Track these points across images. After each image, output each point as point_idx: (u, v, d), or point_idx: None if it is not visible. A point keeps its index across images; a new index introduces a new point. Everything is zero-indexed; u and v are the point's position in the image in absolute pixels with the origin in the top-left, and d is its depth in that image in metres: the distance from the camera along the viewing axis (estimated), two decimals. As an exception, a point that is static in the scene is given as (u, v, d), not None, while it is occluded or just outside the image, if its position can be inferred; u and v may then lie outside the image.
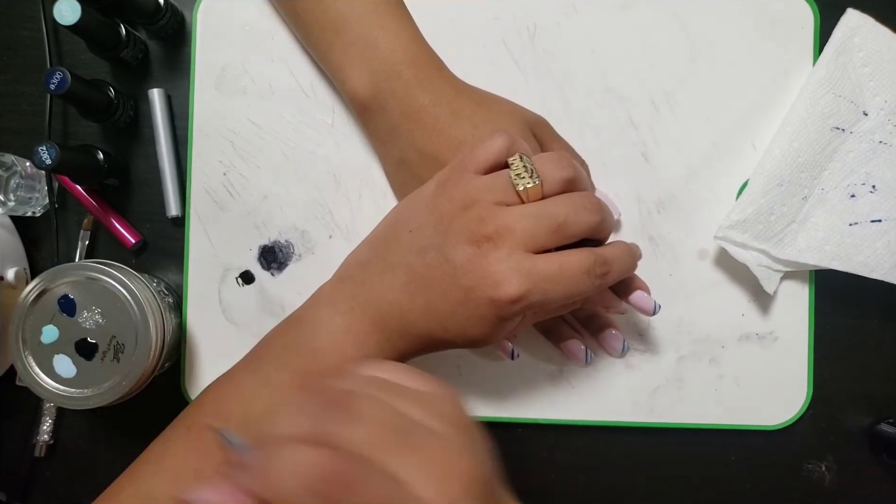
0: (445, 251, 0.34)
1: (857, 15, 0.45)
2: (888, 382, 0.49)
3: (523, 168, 0.34)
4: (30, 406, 0.48)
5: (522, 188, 0.34)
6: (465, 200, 0.34)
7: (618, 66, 0.47)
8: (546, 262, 0.33)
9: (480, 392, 0.47)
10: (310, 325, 0.38)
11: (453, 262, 0.34)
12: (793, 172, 0.45)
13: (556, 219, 0.33)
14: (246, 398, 0.37)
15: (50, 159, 0.41)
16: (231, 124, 0.47)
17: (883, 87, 0.45)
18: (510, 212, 0.34)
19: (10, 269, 0.45)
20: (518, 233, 0.33)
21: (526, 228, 0.33)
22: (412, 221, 0.36)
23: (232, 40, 0.47)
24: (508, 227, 0.33)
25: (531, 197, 0.34)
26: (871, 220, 0.46)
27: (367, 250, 0.38)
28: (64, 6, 0.40)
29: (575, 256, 0.34)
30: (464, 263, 0.33)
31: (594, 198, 0.35)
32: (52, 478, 0.49)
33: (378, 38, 0.40)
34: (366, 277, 0.37)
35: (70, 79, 0.41)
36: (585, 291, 0.35)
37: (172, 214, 0.48)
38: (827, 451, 0.48)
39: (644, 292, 0.41)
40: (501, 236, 0.33)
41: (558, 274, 0.33)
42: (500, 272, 0.33)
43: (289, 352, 0.37)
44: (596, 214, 0.35)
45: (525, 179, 0.34)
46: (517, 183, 0.34)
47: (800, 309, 0.47)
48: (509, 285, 0.33)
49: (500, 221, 0.33)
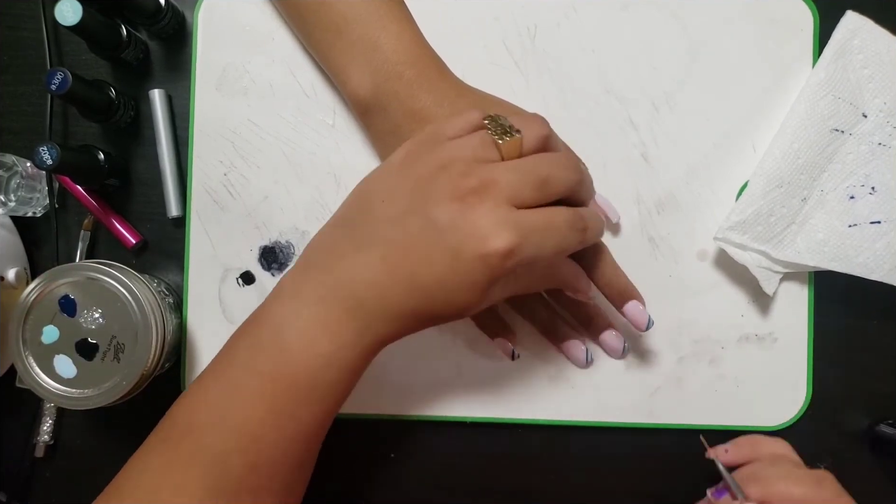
0: (427, 213, 0.32)
1: (856, 17, 0.46)
2: (888, 383, 0.49)
3: (500, 125, 0.34)
4: (30, 406, 0.48)
5: (502, 141, 0.33)
6: (441, 161, 0.33)
7: (618, 66, 0.47)
8: (535, 214, 0.33)
9: (480, 392, 0.47)
10: (275, 323, 0.35)
11: (437, 223, 0.32)
12: (792, 174, 0.45)
13: (540, 174, 0.33)
14: (219, 409, 0.34)
15: (51, 159, 0.41)
16: (232, 125, 0.47)
17: (882, 88, 0.45)
18: (494, 166, 0.33)
19: (11, 270, 0.45)
20: (503, 186, 0.32)
21: (511, 182, 0.32)
22: (381, 192, 0.35)
23: (233, 41, 0.47)
24: (493, 180, 0.32)
25: (511, 151, 0.33)
26: (871, 221, 0.46)
27: (331, 233, 0.36)
28: (65, 6, 0.40)
29: (559, 210, 0.34)
30: (448, 222, 0.32)
31: (574, 156, 0.35)
32: (52, 478, 0.49)
33: (380, 38, 0.40)
34: (333, 262, 0.34)
35: (71, 79, 0.41)
36: (571, 246, 0.35)
37: (173, 215, 0.48)
38: (826, 452, 0.48)
39: (639, 304, 0.41)
40: (486, 188, 0.32)
41: (546, 226, 0.33)
42: (488, 226, 0.31)
43: (255, 353, 0.34)
44: (577, 173, 0.35)
45: (505, 134, 0.33)
46: (496, 136, 0.33)
47: (799, 310, 0.47)
48: (499, 238, 0.31)
49: (484, 175, 0.32)
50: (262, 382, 0.34)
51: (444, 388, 0.47)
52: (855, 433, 0.49)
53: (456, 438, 0.48)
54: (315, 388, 0.34)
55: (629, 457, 0.48)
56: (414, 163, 0.34)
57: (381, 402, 0.47)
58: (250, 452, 0.34)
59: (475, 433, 0.48)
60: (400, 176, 0.34)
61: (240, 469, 0.33)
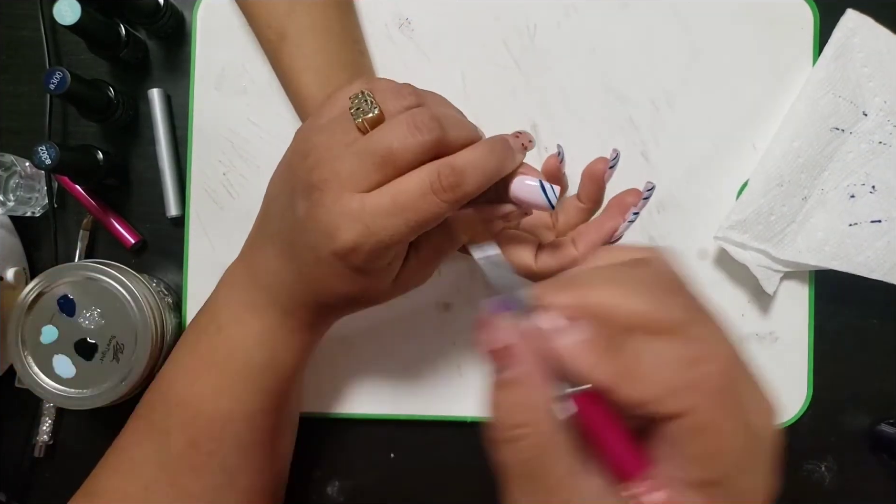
0: (293, 209, 0.32)
1: (856, 15, 0.45)
2: (888, 382, 0.49)
3: (362, 101, 0.31)
4: (29, 406, 0.48)
5: (360, 120, 0.31)
6: (305, 149, 0.32)
7: (618, 65, 0.47)
8: (377, 196, 0.30)
9: (481, 392, 0.47)
10: (214, 308, 0.38)
11: (298, 220, 0.32)
12: (793, 173, 0.45)
13: (379, 151, 0.30)
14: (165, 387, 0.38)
15: (49, 159, 0.41)
16: (231, 124, 0.47)
17: (882, 87, 0.45)
18: (339, 154, 0.31)
19: (10, 269, 0.45)
20: (343, 174, 0.30)
21: (348, 169, 0.30)
22: (274, 187, 0.36)
23: (232, 40, 0.47)
24: (334, 171, 0.30)
25: (373, 129, 0.31)
26: (871, 220, 0.46)
27: (254, 226, 0.38)
28: (64, 6, 0.40)
29: (411, 179, 0.30)
30: (304, 219, 0.32)
31: (425, 113, 0.31)
32: (52, 478, 0.49)
33: None
34: (252, 254, 0.37)
35: (70, 78, 0.41)
36: (438, 212, 0.30)
37: (172, 214, 0.48)
38: (827, 452, 0.48)
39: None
40: (327, 182, 0.30)
41: (391, 206, 0.30)
42: (330, 221, 0.30)
43: (198, 335, 0.38)
44: (430, 132, 0.30)
45: (363, 112, 0.31)
46: (356, 116, 0.31)
47: (799, 309, 0.47)
48: (342, 232, 0.30)
49: (327, 166, 0.31)
50: (202, 361, 0.37)
51: (444, 388, 0.47)
52: (855, 432, 0.49)
53: (456, 438, 0.48)
54: (250, 365, 0.36)
55: (629, 456, 0.48)
56: (291, 155, 0.34)
57: (381, 402, 0.47)
58: (189, 427, 0.36)
59: (475, 433, 0.48)
60: (281, 168, 0.35)
61: (181, 445, 0.36)
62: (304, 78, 0.41)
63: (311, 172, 0.31)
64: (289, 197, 0.33)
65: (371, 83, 0.33)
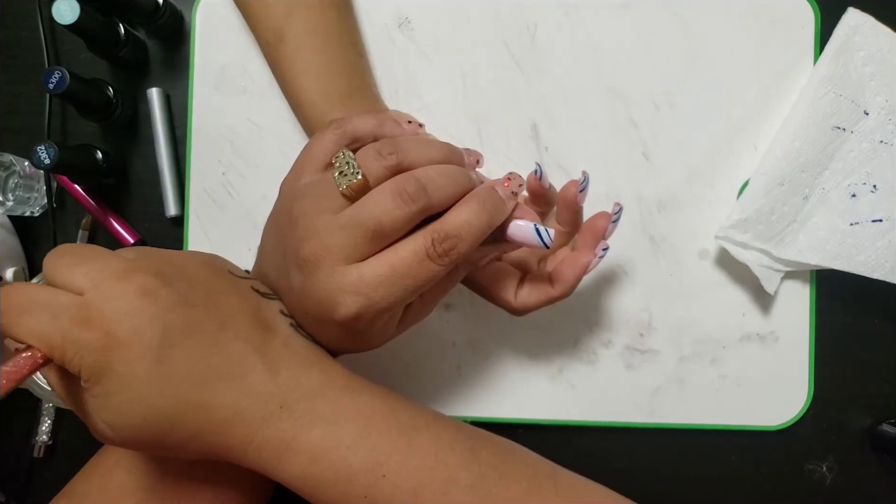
0: (288, 276, 0.33)
1: (857, 14, 0.45)
2: (889, 382, 0.48)
3: (344, 164, 0.32)
4: (29, 407, 0.48)
5: (346, 187, 0.31)
6: (293, 214, 0.32)
7: (618, 65, 0.47)
8: (375, 266, 0.31)
9: (480, 392, 0.47)
10: None
11: (294, 289, 0.33)
12: (794, 172, 0.45)
13: (368, 225, 0.30)
14: None
15: (49, 159, 0.41)
16: (230, 124, 0.47)
17: (884, 86, 0.45)
18: (327, 226, 0.31)
19: (9, 269, 0.45)
20: (334, 250, 0.30)
21: (340, 244, 0.30)
22: (267, 241, 0.36)
23: (231, 40, 0.47)
24: (325, 246, 0.31)
25: (358, 194, 0.31)
26: (872, 219, 0.45)
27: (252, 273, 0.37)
28: (63, 5, 0.40)
29: (406, 248, 0.31)
30: (300, 290, 0.32)
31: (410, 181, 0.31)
32: (52, 478, 0.48)
33: None
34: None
35: (69, 78, 0.41)
36: (435, 276, 0.31)
37: (171, 214, 0.48)
38: (828, 452, 0.48)
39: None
40: (319, 257, 0.31)
41: (390, 275, 0.30)
42: (329, 295, 0.31)
43: None
44: (415, 202, 0.30)
45: (347, 177, 0.31)
46: (339, 182, 0.31)
47: (801, 309, 0.47)
48: (342, 306, 0.31)
49: (315, 242, 0.31)
50: None
51: (444, 388, 0.47)
52: (856, 433, 0.48)
53: (456, 438, 0.48)
54: None
55: (629, 457, 0.48)
56: (279, 215, 0.34)
57: (381, 402, 0.47)
58: None
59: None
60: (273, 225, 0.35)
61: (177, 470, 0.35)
62: (302, 81, 0.41)
63: (301, 244, 0.31)
64: (282, 259, 0.33)
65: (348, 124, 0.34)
